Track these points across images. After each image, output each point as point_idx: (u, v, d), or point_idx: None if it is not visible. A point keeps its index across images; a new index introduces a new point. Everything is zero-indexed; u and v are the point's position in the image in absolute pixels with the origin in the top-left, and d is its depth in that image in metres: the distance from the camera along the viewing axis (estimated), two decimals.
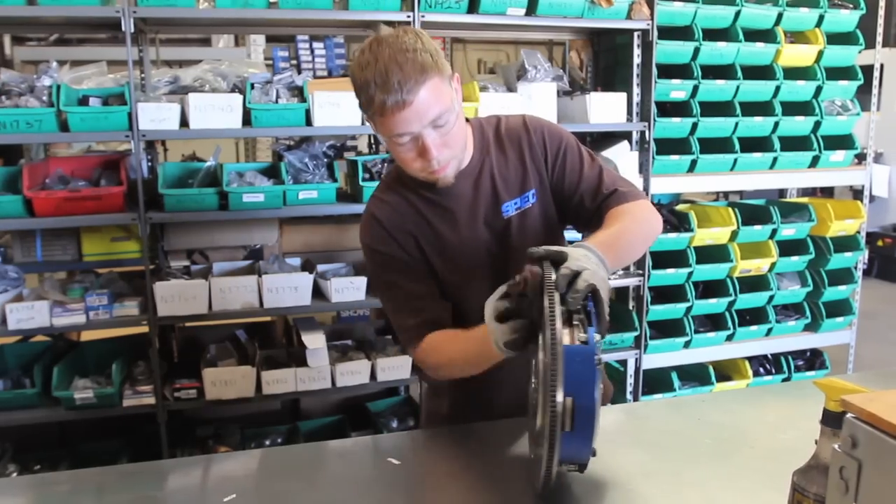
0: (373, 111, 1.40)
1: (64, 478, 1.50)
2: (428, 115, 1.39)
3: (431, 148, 1.43)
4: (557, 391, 1.12)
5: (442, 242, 1.61)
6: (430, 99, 1.38)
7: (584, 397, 1.15)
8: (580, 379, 1.15)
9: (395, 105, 1.36)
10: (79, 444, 3.27)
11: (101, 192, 2.88)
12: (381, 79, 1.34)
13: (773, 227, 3.68)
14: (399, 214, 1.61)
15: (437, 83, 1.39)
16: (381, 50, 1.36)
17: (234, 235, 3.31)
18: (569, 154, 1.62)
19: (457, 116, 1.46)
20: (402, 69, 1.34)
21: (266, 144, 6.22)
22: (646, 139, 3.45)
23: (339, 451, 1.61)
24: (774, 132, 3.66)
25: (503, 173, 1.61)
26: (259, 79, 3.04)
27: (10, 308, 2.79)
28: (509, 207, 1.61)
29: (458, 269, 1.62)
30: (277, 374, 3.06)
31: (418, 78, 1.35)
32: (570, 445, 1.17)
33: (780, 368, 3.95)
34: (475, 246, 1.61)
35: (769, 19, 3.59)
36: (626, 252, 1.52)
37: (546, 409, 1.14)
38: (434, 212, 1.60)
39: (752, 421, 1.65)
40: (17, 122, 2.71)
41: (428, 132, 1.41)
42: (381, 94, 1.35)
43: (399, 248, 1.60)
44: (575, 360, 1.15)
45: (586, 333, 1.18)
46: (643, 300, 3.53)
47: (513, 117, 1.68)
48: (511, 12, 3.11)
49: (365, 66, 1.38)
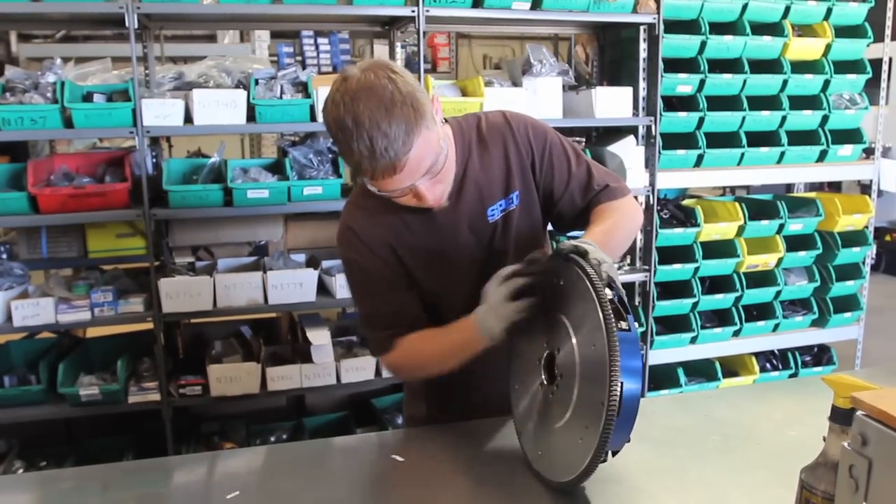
0: (361, 174, 1.34)
1: (69, 475, 1.50)
2: (420, 170, 1.33)
3: (426, 194, 1.38)
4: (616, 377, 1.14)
5: (422, 250, 1.56)
6: (421, 154, 1.30)
7: (632, 382, 1.17)
8: (632, 364, 1.17)
9: (385, 170, 1.29)
10: (84, 441, 3.28)
11: (105, 188, 2.88)
12: (366, 147, 1.26)
13: (781, 222, 3.66)
14: (375, 223, 1.55)
15: (424, 135, 1.29)
16: (356, 108, 1.26)
17: (239, 232, 3.30)
18: (555, 151, 1.58)
19: (447, 153, 1.39)
20: (387, 134, 1.25)
21: (271, 140, 6.22)
22: (652, 134, 3.42)
23: (343, 447, 1.60)
24: (782, 126, 3.64)
25: (487, 176, 1.56)
26: (263, 74, 3.03)
27: (16, 305, 2.79)
28: (495, 211, 1.56)
29: (440, 275, 1.58)
30: (282, 371, 3.05)
31: (405, 139, 1.26)
32: (618, 431, 1.18)
33: (787, 364, 3.93)
34: (458, 252, 1.57)
35: (776, 12, 3.56)
36: (618, 247, 1.53)
37: (606, 400, 1.15)
38: (415, 219, 1.54)
39: (760, 417, 1.64)
40: (21, 119, 2.71)
41: (421, 182, 1.35)
42: (369, 163, 1.28)
43: (374, 258, 1.55)
44: (626, 345, 1.17)
45: (626, 321, 1.20)
46: (649, 295, 3.52)
47: (492, 114, 1.61)
48: (516, 6, 3.10)
49: (342, 127, 1.28)
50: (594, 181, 1.58)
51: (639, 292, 3.63)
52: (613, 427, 1.15)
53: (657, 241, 3.48)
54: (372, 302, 1.60)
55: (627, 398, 1.16)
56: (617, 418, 1.15)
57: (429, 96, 1.34)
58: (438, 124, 1.37)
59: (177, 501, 1.35)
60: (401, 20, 3.24)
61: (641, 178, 3.41)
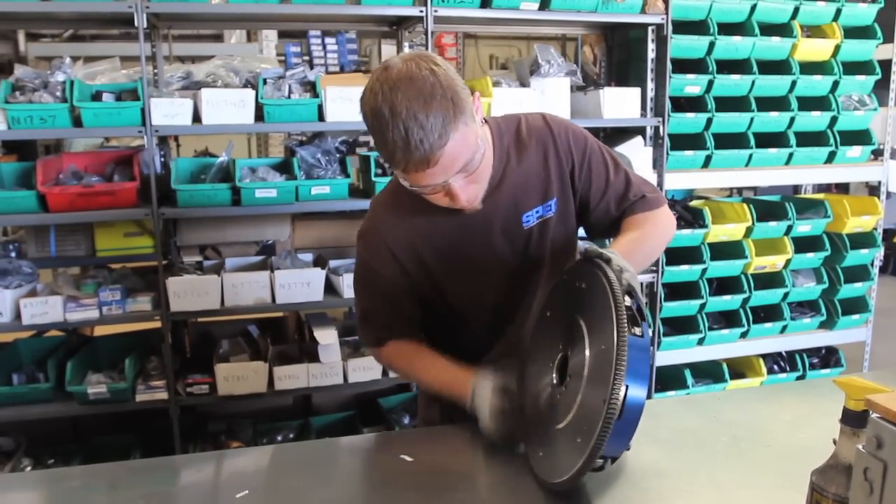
0: (394, 166, 1.31)
1: (77, 473, 1.51)
2: (455, 167, 1.29)
3: (459, 192, 1.35)
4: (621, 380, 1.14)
5: (451, 253, 1.53)
6: (457, 150, 1.27)
7: (638, 388, 1.17)
8: (638, 370, 1.17)
9: (420, 163, 1.25)
10: (92, 439, 3.29)
11: (114, 187, 2.89)
12: (400, 138, 1.22)
13: (789, 223, 3.65)
14: (402, 223, 1.51)
15: (461, 130, 1.26)
16: (395, 97, 1.22)
17: (247, 231, 3.31)
18: (594, 158, 1.54)
19: (483, 152, 1.35)
20: (423, 126, 1.21)
21: (278, 140, 6.23)
22: (660, 134, 3.42)
23: (351, 447, 1.60)
24: (790, 127, 3.63)
25: (524, 181, 1.51)
26: (271, 74, 3.03)
27: (25, 303, 2.80)
28: (531, 217, 1.52)
29: (469, 281, 1.55)
30: (289, 370, 3.06)
31: (442, 132, 1.23)
32: (613, 438, 1.17)
33: (794, 366, 3.92)
34: (489, 257, 1.53)
35: (785, 13, 3.55)
36: (645, 258, 1.51)
37: (607, 399, 1.14)
38: (444, 220, 1.49)
39: (769, 419, 1.63)
40: (31, 118, 2.72)
41: (455, 179, 1.32)
42: (402, 154, 1.24)
43: (392, 261, 1.53)
44: (638, 351, 1.17)
45: (640, 328, 1.20)
46: (657, 297, 3.51)
47: (532, 116, 1.57)
48: (524, 7, 3.09)
49: (378, 115, 1.24)
50: (631, 191, 1.55)
51: (646, 293, 3.62)
52: (611, 429, 1.14)
53: None
54: (373, 302, 1.60)
55: (631, 403, 1.15)
56: (617, 421, 1.14)
57: (469, 93, 1.31)
58: (477, 122, 1.34)
59: (185, 500, 1.35)
60: (409, 20, 3.24)
61: (649, 178, 3.38)
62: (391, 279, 1.54)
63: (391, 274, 1.54)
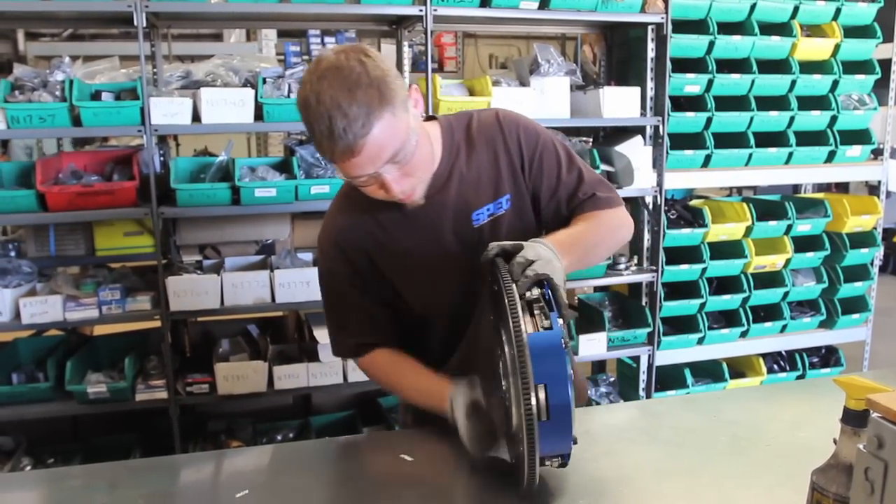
0: (323, 155, 1.31)
1: (78, 472, 1.51)
2: (382, 157, 1.29)
3: (392, 184, 1.34)
4: (529, 380, 1.10)
5: (403, 254, 1.52)
6: (382, 139, 1.26)
7: (557, 384, 1.13)
8: (550, 366, 1.13)
9: (344, 152, 1.26)
10: (92, 438, 3.29)
11: (113, 186, 2.89)
12: (325, 126, 1.23)
13: (789, 222, 3.65)
14: (354, 228, 1.52)
15: (387, 119, 1.26)
16: (321, 87, 1.24)
17: (247, 230, 3.31)
18: (545, 155, 1.53)
19: (417, 143, 1.34)
20: (347, 113, 1.22)
21: (278, 139, 6.21)
22: (660, 134, 3.42)
23: (351, 446, 1.60)
24: (790, 127, 3.63)
25: (474, 178, 1.50)
26: (271, 73, 3.03)
27: (24, 302, 2.80)
28: (481, 215, 1.51)
29: (423, 282, 1.55)
30: (289, 369, 3.06)
31: (365, 120, 1.23)
32: (550, 437, 1.14)
33: (794, 365, 3.91)
34: (441, 258, 1.52)
35: (785, 12, 3.55)
36: (585, 254, 1.47)
37: (520, 401, 1.11)
38: (396, 221, 1.50)
39: (769, 418, 1.63)
40: (30, 117, 2.72)
41: (386, 170, 1.31)
42: (328, 143, 1.25)
43: (350, 266, 1.53)
44: (541, 346, 1.13)
45: (549, 319, 1.17)
46: (656, 296, 3.51)
47: (485, 114, 1.56)
48: (524, 6, 3.09)
49: (306, 106, 1.26)
50: (581, 189, 1.53)
51: (646, 293, 3.62)
52: (536, 434, 1.11)
53: (664, 242, 3.47)
54: (342, 310, 1.59)
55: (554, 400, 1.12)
56: (545, 422, 1.12)
57: (404, 85, 1.32)
58: (411, 114, 1.33)
59: (186, 500, 1.35)
60: (408, 19, 3.24)
61: (649, 178, 3.40)
62: (351, 283, 1.54)
63: (349, 277, 1.54)
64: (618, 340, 3.52)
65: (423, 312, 1.61)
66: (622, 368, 3.91)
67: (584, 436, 1.34)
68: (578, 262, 1.42)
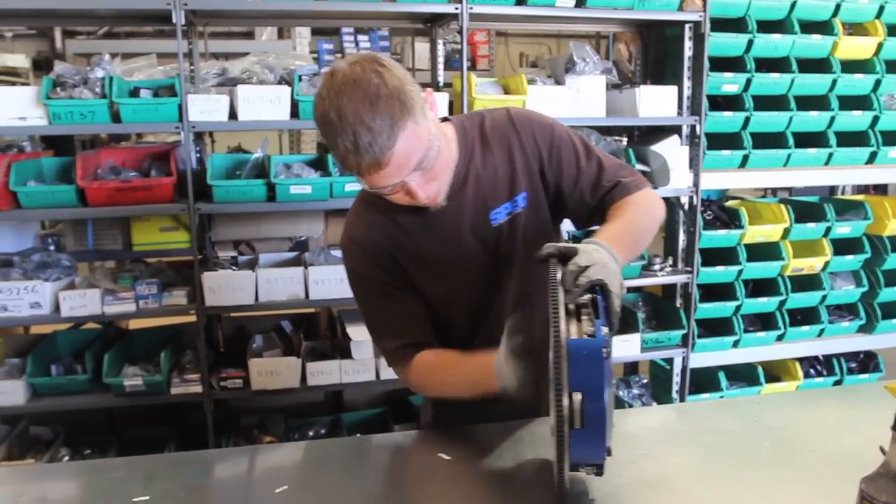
0: (348, 170, 1.31)
1: (119, 464, 1.53)
2: (408, 166, 1.29)
3: (417, 190, 1.34)
4: (563, 387, 1.10)
5: (423, 255, 1.53)
6: (408, 148, 1.27)
7: (592, 392, 1.11)
8: (587, 373, 1.12)
9: (371, 166, 1.26)
10: (127, 430, 3.33)
11: (151, 182, 2.92)
12: (350, 141, 1.23)
13: (828, 224, 3.58)
14: (376, 231, 1.52)
15: (410, 128, 1.26)
16: (341, 101, 1.23)
17: (281, 227, 3.33)
18: (563, 148, 1.52)
19: (438, 148, 1.34)
20: (371, 127, 1.22)
21: (311, 136, 6.26)
22: (696, 134, 3.37)
23: (388, 444, 1.61)
24: (830, 127, 3.55)
25: (490, 178, 1.51)
26: (307, 71, 3.04)
27: (64, 296, 2.85)
28: (499, 214, 1.51)
29: (444, 282, 1.55)
30: (322, 366, 3.07)
31: (390, 133, 1.23)
32: (582, 444, 1.13)
33: (831, 370, 3.85)
34: (461, 257, 1.53)
35: (826, 10, 3.48)
36: (636, 244, 1.47)
37: (553, 406, 1.11)
38: (415, 224, 1.50)
39: (811, 424, 1.61)
40: (71, 113, 2.76)
41: (411, 177, 1.31)
42: (354, 158, 1.25)
43: (378, 269, 1.53)
44: (580, 353, 1.12)
45: (593, 326, 1.16)
46: (691, 298, 3.47)
47: (497, 113, 1.56)
48: (560, 4, 3.06)
49: (327, 121, 1.25)
50: (604, 178, 1.52)
51: (681, 294, 3.58)
52: (566, 438, 1.10)
53: (700, 243, 3.43)
54: (377, 312, 1.58)
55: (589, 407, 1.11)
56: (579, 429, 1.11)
57: (420, 90, 1.32)
58: (429, 119, 1.33)
59: (226, 493, 1.36)
60: (443, 17, 3.23)
61: (685, 178, 3.36)
62: (382, 280, 1.54)
63: (379, 276, 1.54)
64: (651, 342, 3.49)
65: (443, 311, 1.61)
66: (655, 370, 3.87)
67: (622, 438, 1.33)
68: (631, 253, 1.41)
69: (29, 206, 2.83)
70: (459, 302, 1.58)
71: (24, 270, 2.91)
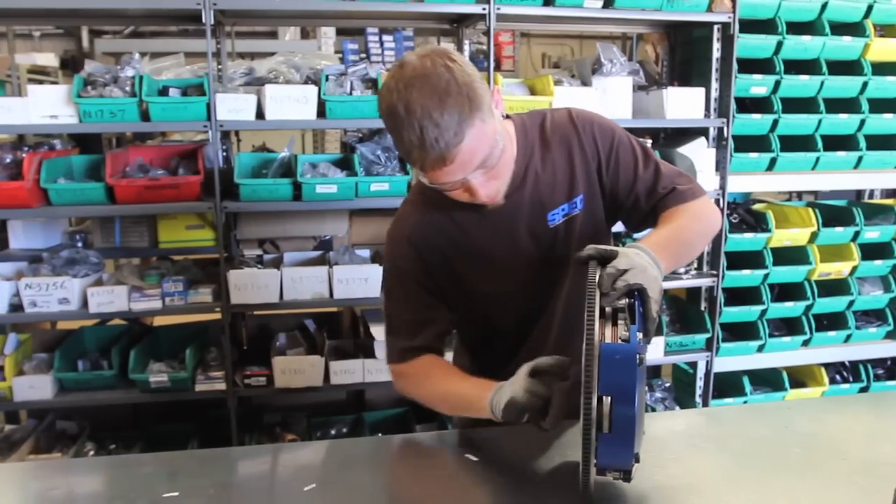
0: (412, 164, 1.30)
1: (147, 459, 1.53)
2: (472, 164, 1.28)
3: (479, 188, 1.34)
4: (593, 390, 1.09)
5: (476, 252, 1.51)
6: (473, 146, 1.25)
7: (623, 397, 1.11)
8: (619, 378, 1.11)
9: (436, 162, 1.25)
10: (150, 426, 3.36)
11: (179, 180, 2.95)
12: (416, 137, 1.22)
13: (856, 229, 3.53)
14: (430, 227, 1.50)
15: (477, 126, 1.25)
16: (409, 95, 1.22)
17: (306, 226, 3.35)
18: (621, 152, 1.51)
19: (502, 147, 1.33)
20: (438, 123, 1.21)
21: (334, 136, 6.29)
22: (723, 136, 3.34)
23: (414, 444, 1.61)
24: (860, 130, 3.51)
25: (549, 178, 1.49)
26: (334, 71, 3.05)
27: (92, 292, 2.88)
28: (556, 215, 1.50)
29: (495, 281, 1.53)
30: (346, 365, 3.08)
31: (457, 129, 1.22)
32: (609, 449, 1.12)
33: (858, 377, 3.79)
34: (515, 257, 1.51)
35: (858, 12, 3.44)
36: (684, 251, 1.46)
37: (581, 409, 1.10)
38: (471, 220, 1.49)
39: (842, 431, 1.58)
40: (101, 112, 2.79)
41: (474, 175, 1.31)
42: (419, 153, 1.24)
43: (421, 266, 1.51)
44: (613, 357, 1.11)
45: (628, 331, 1.15)
46: (716, 301, 3.44)
47: (558, 112, 1.54)
48: (588, 4, 3.05)
49: (393, 114, 1.24)
50: (660, 184, 1.51)
51: (705, 297, 3.55)
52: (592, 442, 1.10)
53: (726, 246, 3.40)
54: (401, 310, 1.57)
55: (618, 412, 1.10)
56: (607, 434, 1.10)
57: (488, 88, 1.30)
58: (496, 117, 1.32)
59: (255, 490, 1.36)
60: (469, 18, 3.23)
61: (712, 181, 3.33)
62: (419, 280, 1.53)
63: (419, 275, 1.52)
64: (675, 345, 3.46)
65: (489, 313, 1.59)
66: (678, 374, 3.84)
67: (651, 441, 1.31)
68: (676, 261, 1.40)
69: (59, 203, 2.87)
70: (510, 303, 1.57)
71: (53, 266, 2.94)
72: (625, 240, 3.08)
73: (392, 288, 1.59)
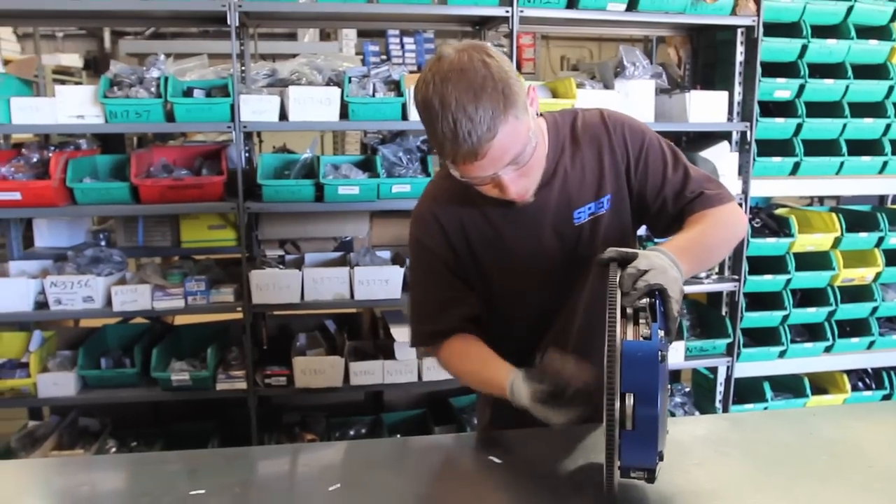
0: (443, 157, 1.30)
1: (172, 457, 1.54)
2: (504, 160, 1.29)
3: (509, 185, 1.34)
4: (616, 388, 1.10)
5: (500, 245, 1.52)
6: (506, 142, 1.26)
7: (645, 395, 1.11)
8: (641, 375, 1.11)
9: (468, 156, 1.26)
10: (171, 424, 3.39)
11: (202, 181, 2.97)
12: (449, 130, 1.23)
13: (880, 234, 3.50)
14: (455, 208, 1.51)
15: (511, 123, 1.25)
16: (445, 89, 1.23)
17: (327, 227, 3.36)
18: (651, 154, 1.51)
19: (535, 145, 1.33)
20: (472, 117, 1.21)
21: (355, 138, 6.30)
22: (747, 140, 3.32)
23: (437, 446, 1.61)
24: (885, 135, 3.47)
25: (578, 177, 1.50)
26: (357, 73, 3.06)
27: (115, 290, 2.90)
28: (582, 213, 1.50)
29: (516, 276, 1.54)
30: (365, 366, 3.08)
31: (491, 125, 1.23)
32: (632, 447, 1.13)
33: (881, 384, 3.75)
34: (538, 253, 1.51)
35: (884, 15, 3.41)
36: (706, 256, 1.46)
37: (605, 407, 1.11)
38: (498, 213, 1.50)
39: (868, 438, 1.57)
40: (127, 112, 2.82)
41: (505, 171, 1.31)
42: (451, 146, 1.25)
43: (446, 247, 1.52)
44: (635, 355, 1.12)
45: (650, 329, 1.16)
46: (737, 306, 3.41)
47: (589, 113, 1.55)
48: (611, 7, 3.05)
49: (428, 107, 1.25)
50: (689, 187, 1.50)
51: (727, 302, 3.52)
52: (615, 439, 1.11)
53: (748, 251, 3.37)
54: (426, 287, 1.58)
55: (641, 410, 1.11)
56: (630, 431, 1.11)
57: (524, 86, 1.31)
58: (530, 115, 1.32)
59: (280, 489, 1.37)
60: (492, 20, 3.23)
61: (734, 185, 3.30)
62: (444, 259, 1.53)
63: (444, 253, 1.53)
64: (696, 350, 3.44)
65: (507, 308, 1.60)
66: (698, 379, 3.82)
67: (674, 446, 1.31)
68: (698, 265, 1.40)
69: (84, 202, 2.90)
70: (527, 300, 1.57)
71: (78, 265, 2.97)
72: (647, 243, 3.07)
73: (416, 266, 1.60)
